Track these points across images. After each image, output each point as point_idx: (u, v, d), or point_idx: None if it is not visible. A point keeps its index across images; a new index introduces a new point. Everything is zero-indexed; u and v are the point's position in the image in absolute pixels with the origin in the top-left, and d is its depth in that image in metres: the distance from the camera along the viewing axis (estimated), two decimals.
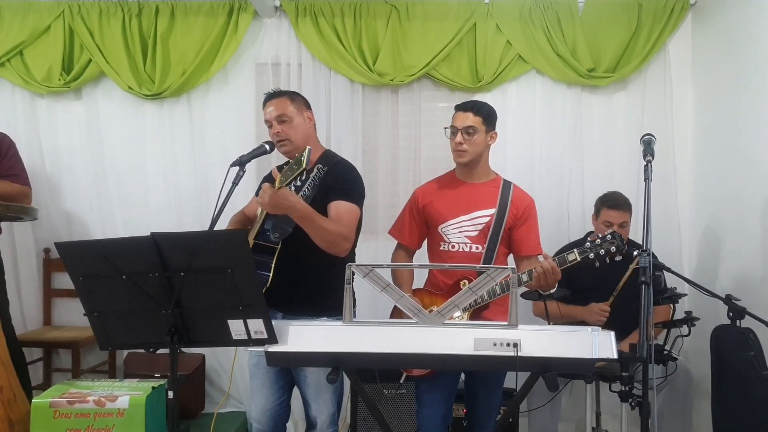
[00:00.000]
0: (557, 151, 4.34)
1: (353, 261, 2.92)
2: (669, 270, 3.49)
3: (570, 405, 4.09)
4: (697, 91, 4.31)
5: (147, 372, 3.93)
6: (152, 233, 2.11)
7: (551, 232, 4.23)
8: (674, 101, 4.31)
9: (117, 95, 4.32)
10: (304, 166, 2.48)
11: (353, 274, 2.18)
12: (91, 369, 4.20)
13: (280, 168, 2.85)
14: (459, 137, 2.95)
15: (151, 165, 4.37)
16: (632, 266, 2.95)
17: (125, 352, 4.17)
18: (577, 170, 4.33)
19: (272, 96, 2.94)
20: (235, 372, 4.31)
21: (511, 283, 2.20)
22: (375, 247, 4.26)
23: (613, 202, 3.66)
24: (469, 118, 2.94)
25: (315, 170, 2.73)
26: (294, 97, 2.96)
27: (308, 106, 3.00)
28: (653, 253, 3.69)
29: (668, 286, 3.59)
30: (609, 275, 3.52)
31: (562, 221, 4.31)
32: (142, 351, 4.02)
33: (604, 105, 4.36)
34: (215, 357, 4.33)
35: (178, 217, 4.31)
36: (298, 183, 2.65)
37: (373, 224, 4.35)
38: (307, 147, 2.52)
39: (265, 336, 2.20)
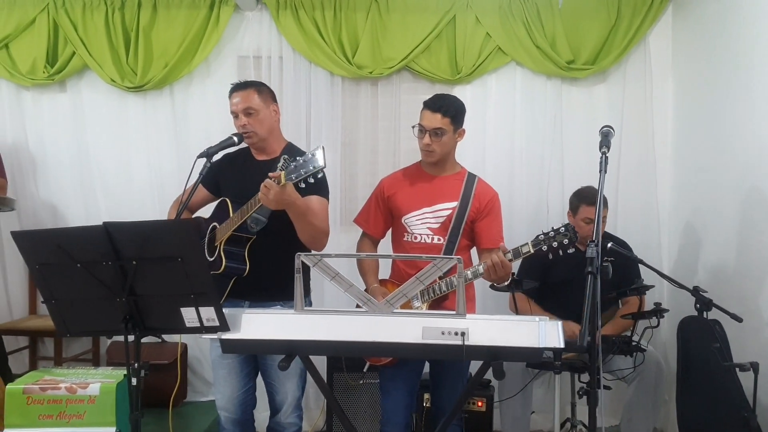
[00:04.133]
0: (537, 143, 4.35)
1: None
2: (641, 261, 3.52)
3: (545, 396, 4.12)
4: (676, 84, 4.32)
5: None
6: (104, 222, 2.15)
7: (531, 224, 4.25)
8: (654, 94, 4.32)
9: (101, 87, 4.36)
10: (322, 164, 2.46)
11: (302, 263, 2.23)
12: (74, 357, 4.26)
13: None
14: (427, 138, 2.95)
15: (135, 156, 4.41)
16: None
17: (108, 341, 4.23)
18: (557, 162, 4.35)
19: (239, 87, 2.96)
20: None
21: (458, 274, 2.22)
22: (356, 239, 4.29)
23: (592, 199, 3.65)
24: (437, 120, 2.92)
25: (281, 161, 2.75)
26: (261, 88, 2.98)
27: (274, 99, 3.03)
28: (627, 244, 3.75)
29: (641, 277, 3.62)
30: (582, 269, 3.55)
31: (541, 213, 4.33)
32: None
33: (584, 97, 4.37)
34: (198, 346, 4.38)
35: (162, 209, 4.33)
36: (311, 180, 2.55)
37: (352, 217, 4.36)
38: (321, 145, 2.51)
39: (216, 324, 2.24)
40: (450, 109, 2.96)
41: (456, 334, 2.19)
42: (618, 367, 3.47)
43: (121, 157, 4.41)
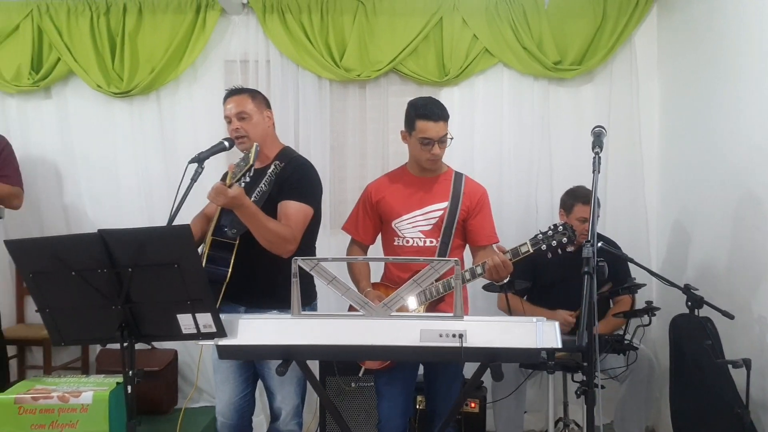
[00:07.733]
0: (525, 143, 4.36)
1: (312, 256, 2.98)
2: (631, 260, 3.54)
3: (538, 396, 4.13)
4: (663, 83, 4.34)
5: (118, 368, 3.88)
6: (99, 230, 2.14)
7: (520, 225, 4.28)
8: (640, 93, 4.34)
9: (86, 93, 4.33)
10: (251, 162, 2.52)
11: (299, 268, 2.23)
12: (63, 366, 4.23)
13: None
14: (436, 149, 2.92)
15: (122, 163, 4.38)
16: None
17: (98, 349, 4.20)
18: (545, 163, 4.36)
19: (233, 93, 2.97)
20: (206, 367, 4.34)
21: (455, 276, 2.23)
22: (345, 242, 4.28)
23: (587, 198, 3.66)
24: (443, 128, 2.92)
25: (272, 166, 2.77)
26: (255, 95, 2.99)
27: (268, 105, 3.03)
28: (616, 244, 3.77)
29: (632, 276, 3.64)
30: (575, 269, 3.57)
31: (530, 214, 4.35)
32: (113, 347, 4.09)
33: (571, 97, 4.39)
34: (188, 352, 4.35)
35: (150, 216, 4.32)
36: (247, 179, 2.68)
37: (342, 220, 4.34)
38: (255, 144, 2.55)
39: (213, 330, 2.23)
40: (447, 113, 2.97)
41: (454, 336, 2.19)
42: (611, 365, 3.49)
43: (108, 163, 4.39)
